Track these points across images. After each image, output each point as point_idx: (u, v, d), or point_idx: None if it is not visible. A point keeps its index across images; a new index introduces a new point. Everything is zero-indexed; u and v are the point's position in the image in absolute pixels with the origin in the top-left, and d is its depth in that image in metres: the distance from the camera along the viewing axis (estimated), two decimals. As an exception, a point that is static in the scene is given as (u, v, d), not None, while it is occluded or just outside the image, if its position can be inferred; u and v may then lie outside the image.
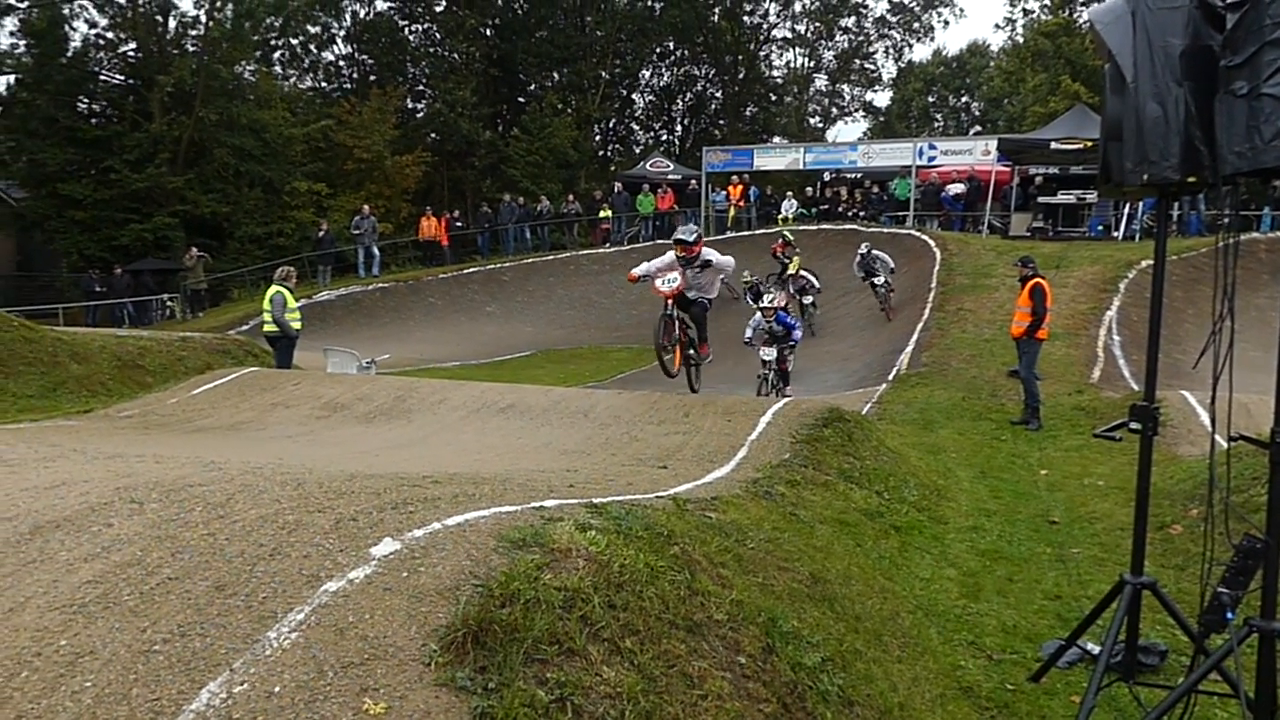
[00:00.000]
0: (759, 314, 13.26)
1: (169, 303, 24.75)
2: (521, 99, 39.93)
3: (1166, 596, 3.77)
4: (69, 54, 28.31)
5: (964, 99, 54.38)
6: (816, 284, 19.28)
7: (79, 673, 2.19)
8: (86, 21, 29.01)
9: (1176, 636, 4.34)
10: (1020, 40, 41.17)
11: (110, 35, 29.36)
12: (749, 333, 13.51)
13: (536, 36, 38.83)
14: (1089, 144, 20.02)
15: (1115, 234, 21.26)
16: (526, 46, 38.25)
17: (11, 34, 27.68)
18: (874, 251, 18.17)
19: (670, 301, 8.54)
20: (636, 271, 8.90)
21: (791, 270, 19.50)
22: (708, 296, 8.89)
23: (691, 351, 9.10)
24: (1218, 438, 3.58)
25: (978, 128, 49.18)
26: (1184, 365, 11.90)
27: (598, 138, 43.30)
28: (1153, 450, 3.75)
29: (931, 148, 25.95)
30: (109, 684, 2.15)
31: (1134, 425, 3.69)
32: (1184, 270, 16.36)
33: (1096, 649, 4.04)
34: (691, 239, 8.54)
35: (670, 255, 8.66)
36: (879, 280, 17.84)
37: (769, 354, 12.91)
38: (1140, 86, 3.31)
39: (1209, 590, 3.30)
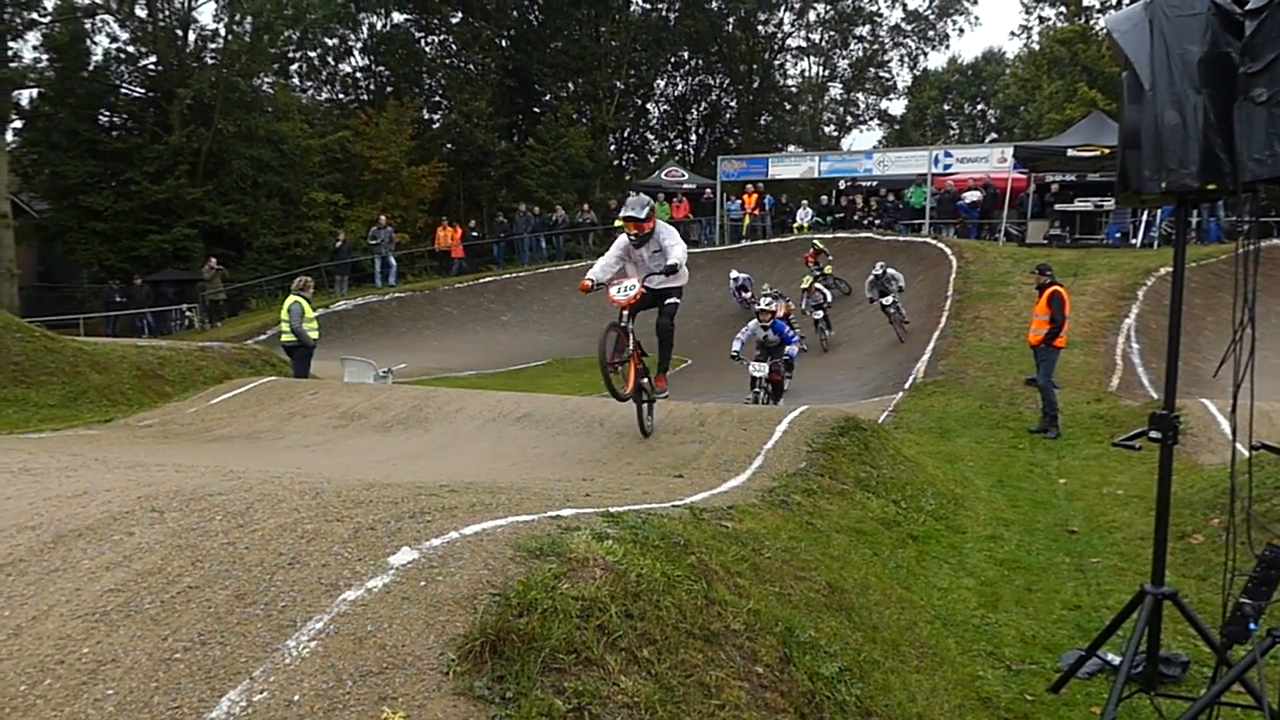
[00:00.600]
0: (754, 321, 12.82)
1: (188, 313, 25.01)
2: (537, 109, 40.11)
3: (1188, 607, 3.73)
4: (90, 68, 28.74)
5: (979, 106, 54.16)
6: (829, 298, 18.93)
7: (101, 680, 2.21)
8: (108, 35, 29.57)
9: (1198, 647, 4.29)
10: (1036, 47, 40.98)
11: (131, 49, 29.77)
12: (738, 344, 12.52)
13: (551, 47, 39.04)
14: (1106, 151, 19.90)
15: (1133, 241, 21.11)
16: (542, 57, 38.46)
17: (34, 48, 28.15)
18: (889, 271, 17.88)
19: (625, 311, 6.98)
20: (591, 277, 7.12)
21: (804, 285, 19.08)
22: (677, 284, 7.22)
23: (645, 381, 7.31)
24: (1239, 446, 3.55)
25: (993, 135, 49.02)
26: (1204, 373, 11.78)
27: (613, 147, 43.41)
28: (1173, 459, 3.72)
29: (947, 155, 25.86)
30: (130, 692, 2.17)
31: (1154, 434, 3.67)
32: (1203, 277, 16.21)
33: (1117, 660, 3.99)
34: (644, 214, 6.96)
35: (622, 241, 7.15)
36: (887, 301, 17.45)
37: (759, 370, 12.28)
38: (1158, 94, 3.30)
39: (1231, 600, 3.26)
